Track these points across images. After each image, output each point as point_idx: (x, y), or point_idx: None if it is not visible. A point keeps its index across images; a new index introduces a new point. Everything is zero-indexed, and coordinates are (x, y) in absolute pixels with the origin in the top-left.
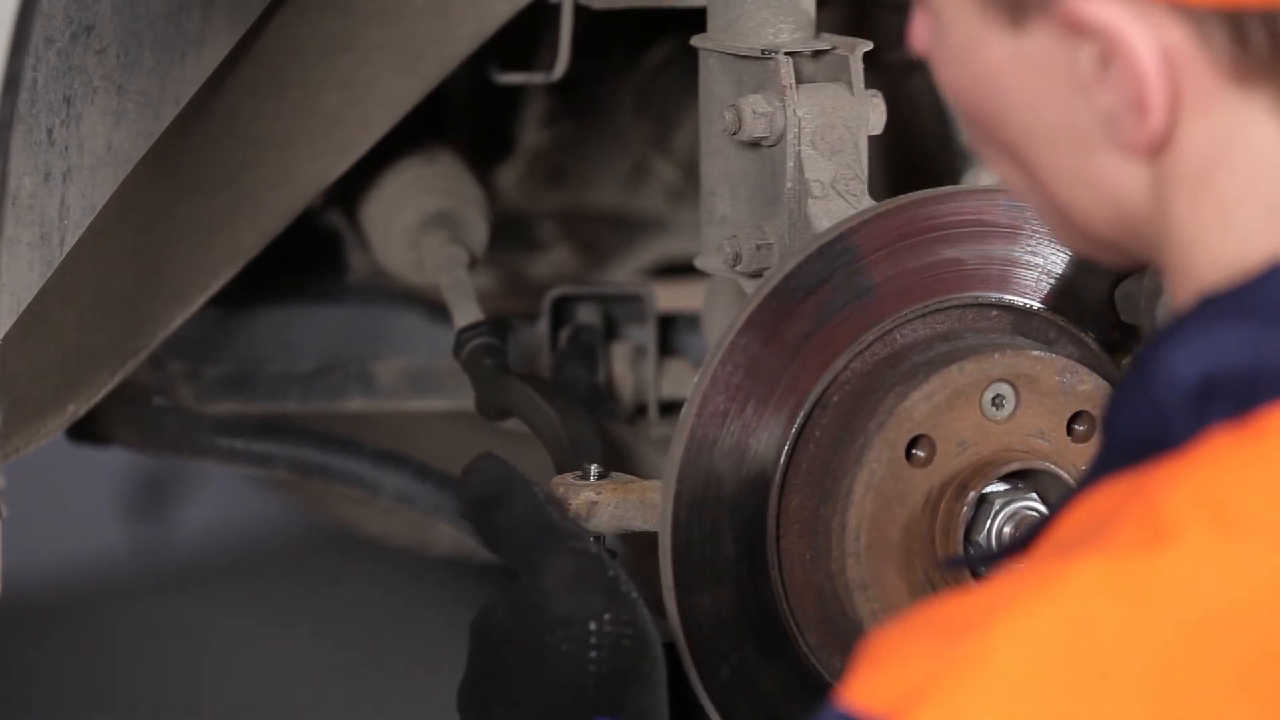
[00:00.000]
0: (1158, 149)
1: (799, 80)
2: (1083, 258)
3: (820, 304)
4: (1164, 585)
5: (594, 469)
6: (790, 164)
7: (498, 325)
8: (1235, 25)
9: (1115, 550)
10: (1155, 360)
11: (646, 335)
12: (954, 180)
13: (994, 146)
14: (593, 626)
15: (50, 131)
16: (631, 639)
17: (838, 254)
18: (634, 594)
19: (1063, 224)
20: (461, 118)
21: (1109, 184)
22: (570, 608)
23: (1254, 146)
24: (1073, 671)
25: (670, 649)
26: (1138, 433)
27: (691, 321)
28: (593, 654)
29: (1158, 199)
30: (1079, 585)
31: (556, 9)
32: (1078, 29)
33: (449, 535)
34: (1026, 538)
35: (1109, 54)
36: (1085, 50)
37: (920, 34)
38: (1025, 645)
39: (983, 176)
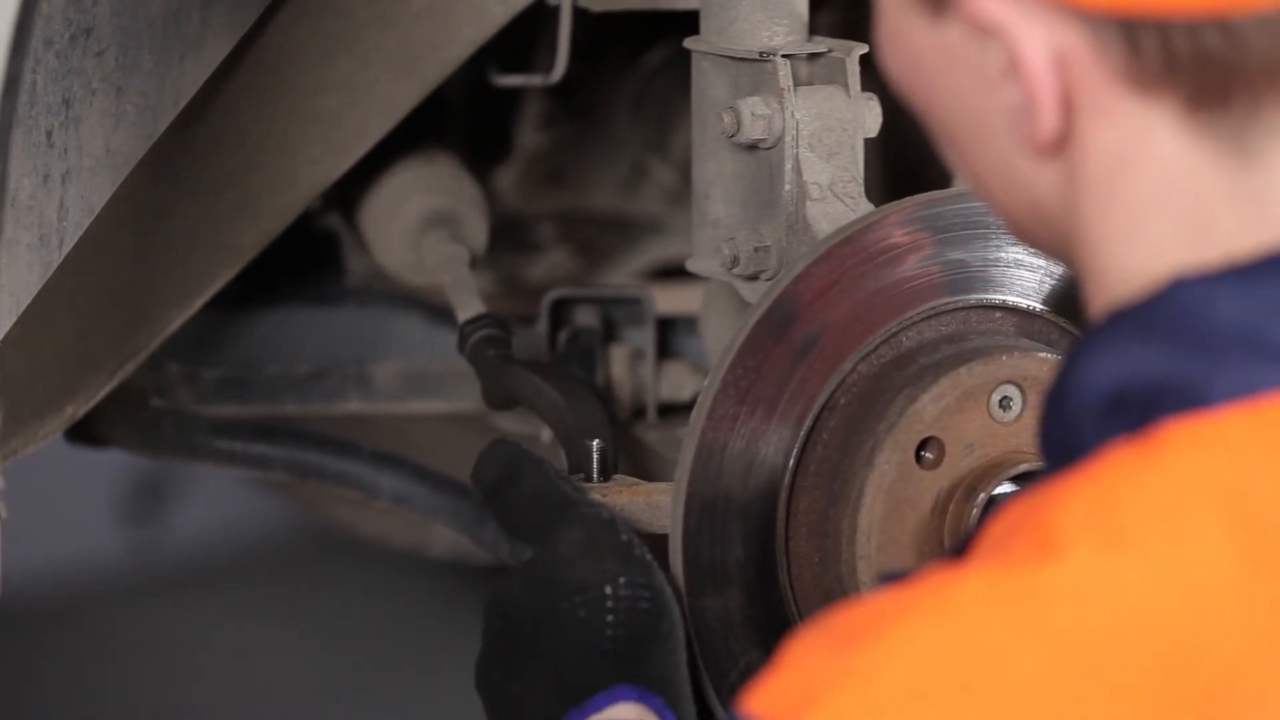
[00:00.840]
0: (1054, 149)
1: (795, 83)
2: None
3: (827, 307)
4: (1047, 599)
5: (596, 456)
6: (788, 166)
7: (500, 319)
8: (1129, 33)
9: (1003, 564)
10: (1071, 371)
11: (645, 337)
12: (949, 183)
13: (939, 136)
14: (608, 590)
15: (49, 133)
16: (649, 601)
17: (844, 257)
18: (648, 557)
19: (1003, 219)
20: (460, 120)
21: (1024, 182)
22: (585, 574)
23: (1158, 156)
24: (953, 683)
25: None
26: (1057, 444)
27: (690, 324)
28: (609, 618)
29: (1069, 202)
30: (964, 597)
31: (554, 12)
32: (983, 28)
33: (446, 537)
34: (957, 549)
35: (1011, 54)
36: (993, 48)
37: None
38: (910, 655)
39: None
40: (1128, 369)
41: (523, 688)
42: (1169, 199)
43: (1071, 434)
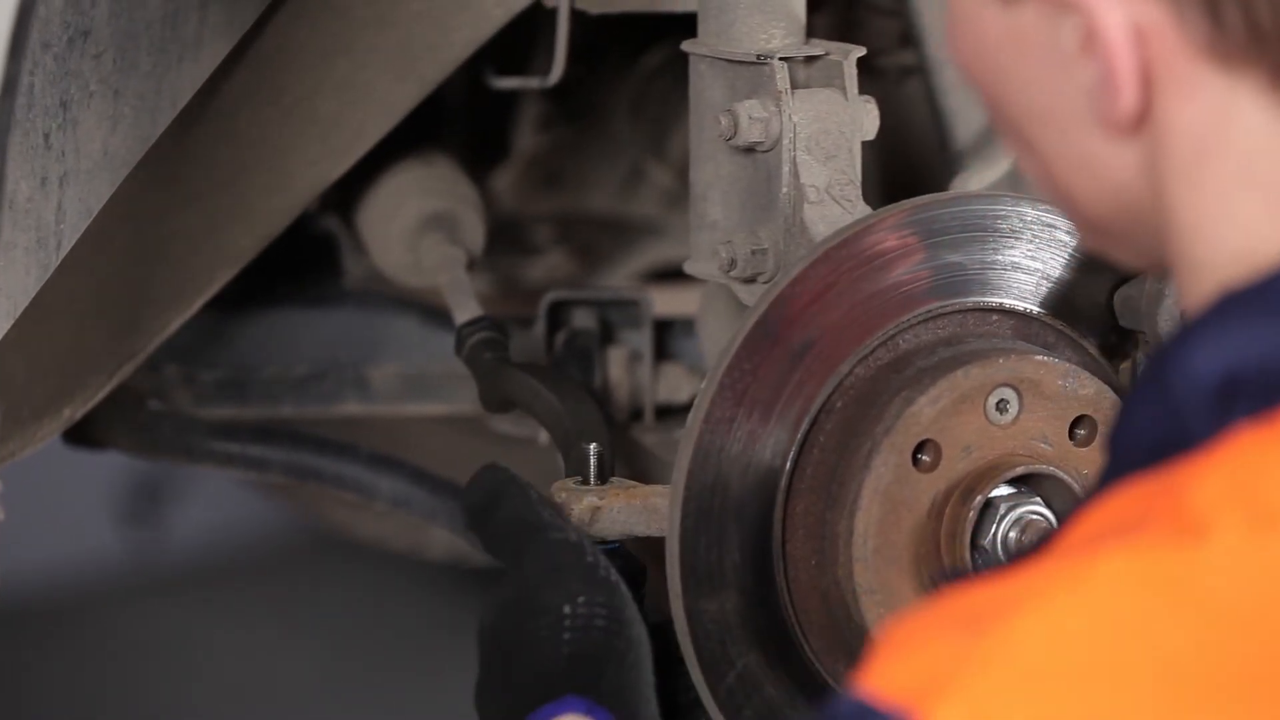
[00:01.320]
0: (1134, 127)
1: (792, 85)
2: (1101, 255)
3: (824, 310)
4: (1195, 579)
5: (593, 459)
6: (786, 169)
7: (497, 322)
8: (1211, 5)
9: (1144, 544)
10: (1173, 361)
11: (642, 340)
12: (946, 186)
13: (1005, 130)
14: (566, 610)
15: (47, 136)
16: (605, 619)
17: (841, 260)
18: (613, 578)
19: (1075, 216)
20: (457, 122)
21: (1103, 167)
22: (547, 595)
23: (1246, 132)
24: (1096, 662)
25: (659, 630)
26: (1155, 435)
27: (687, 326)
28: (565, 635)
29: (1153, 184)
30: (1105, 577)
31: (552, 14)
32: (1059, 3)
33: (444, 539)
34: (1036, 546)
35: (1089, 29)
36: (1068, 25)
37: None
38: (1048, 636)
39: (974, 181)
40: (1240, 353)
41: (495, 708)
42: (1259, 177)
43: (1178, 424)
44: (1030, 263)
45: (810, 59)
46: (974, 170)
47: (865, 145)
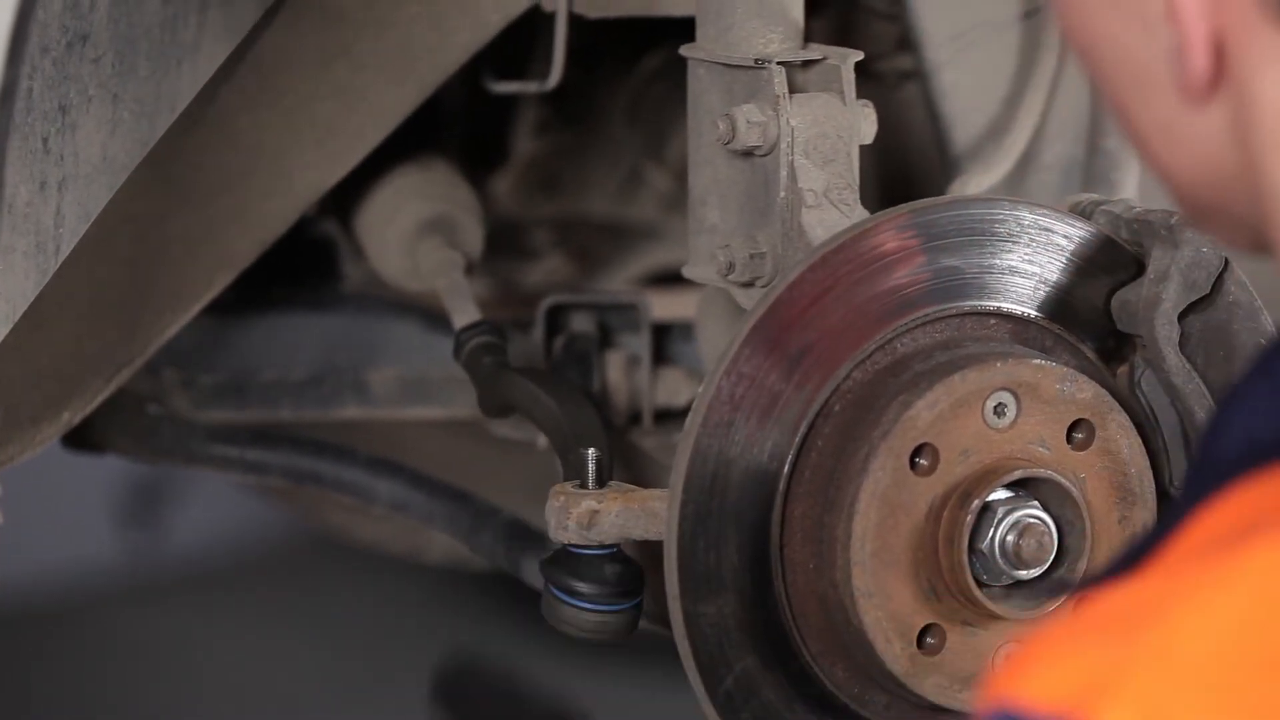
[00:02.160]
0: (1207, 94)
1: (790, 90)
2: (1212, 237)
3: (822, 314)
4: None
5: (592, 463)
6: (784, 173)
7: (496, 326)
8: None
9: None
10: None
11: (641, 344)
12: (944, 190)
13: (1107, 99)
14: None
15: (46, 140)
16: None
17: (839, 264)
18: None
19: (1174, 189)
20: (456, 126)
21: (1186, 137)
22: None
23: None
24: (1262, 654)
25: None
26: (1273, 432)
27: (686, 330)
28: None
29: (1245, 155)
30: (1260, 570)
31: (550, 18)
32: None
33: (442, 543)
34: (1135, 555)
35: None
36: None
37: None
38: (1210, 632)
39: (972, 185)
40: None
41: None
42: None
43: None
44: (1028, 267)
45: (808, 63)
46: (972, 174)
47: (863, 149)
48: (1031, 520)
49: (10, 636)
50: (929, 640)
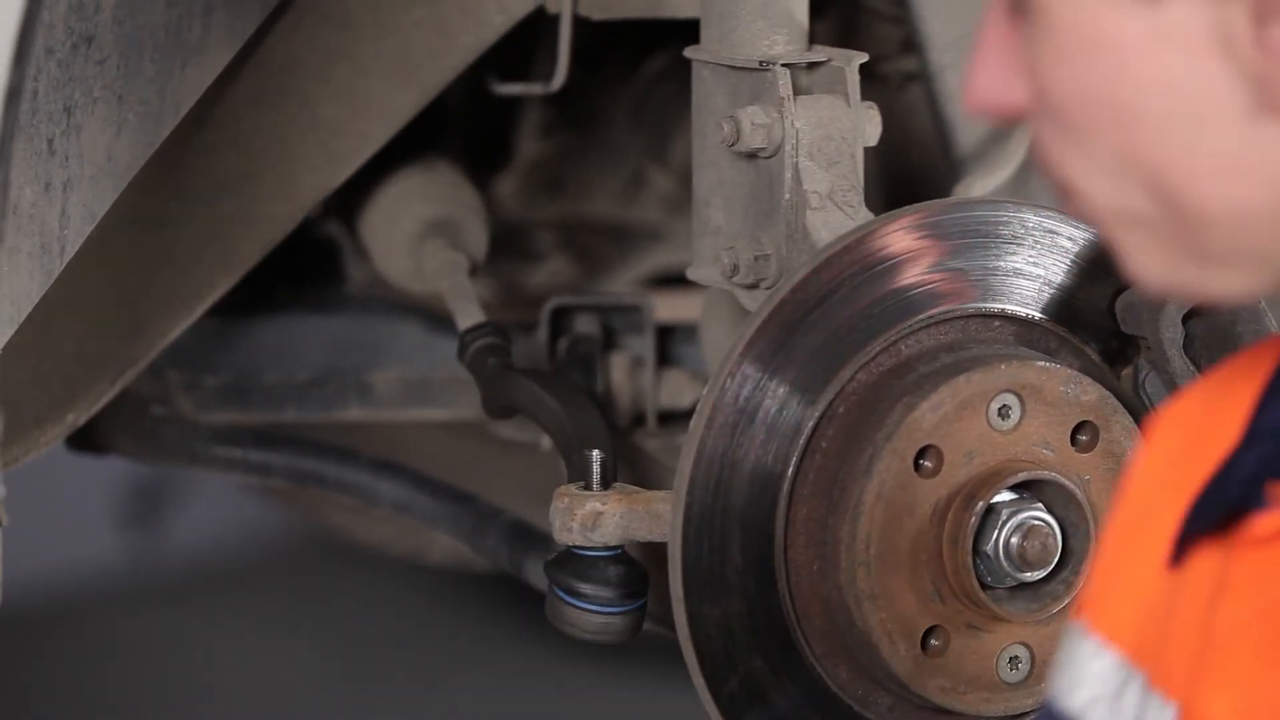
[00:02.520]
0: None
1: (795, 92)
2: (1179, 293)
3: (826, 315)
4: None
5: (596, 465)
6: (788, 175)
7: (500, 328)
8: None
9: None
10: None
11: (644, 345)
12: (948, 192)
13: (1106, 160)
14: None
15: (51, 141)
16: None
17: (844, 265)
18: None
19: (1183, 244)
20: (460, 128)
21: (1266, 161)
22: None
23: None
24: None
25: None
26: None
27: (689, 332)
28: None
29: None
30: None
31: (554, 20)
32: None
33: (445, 544)
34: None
35: (1265, 10)
36: (1235, 9)
37: (993, 63)
38: None
39: (976, 187)
40: None
41: None
42: None
43: None
44: (1032, 269)
45: (813, 65)
46: (976, 176)
47: (867, 151)
48: (1036, 522)
49: (12, 636)
50: (933, 642)
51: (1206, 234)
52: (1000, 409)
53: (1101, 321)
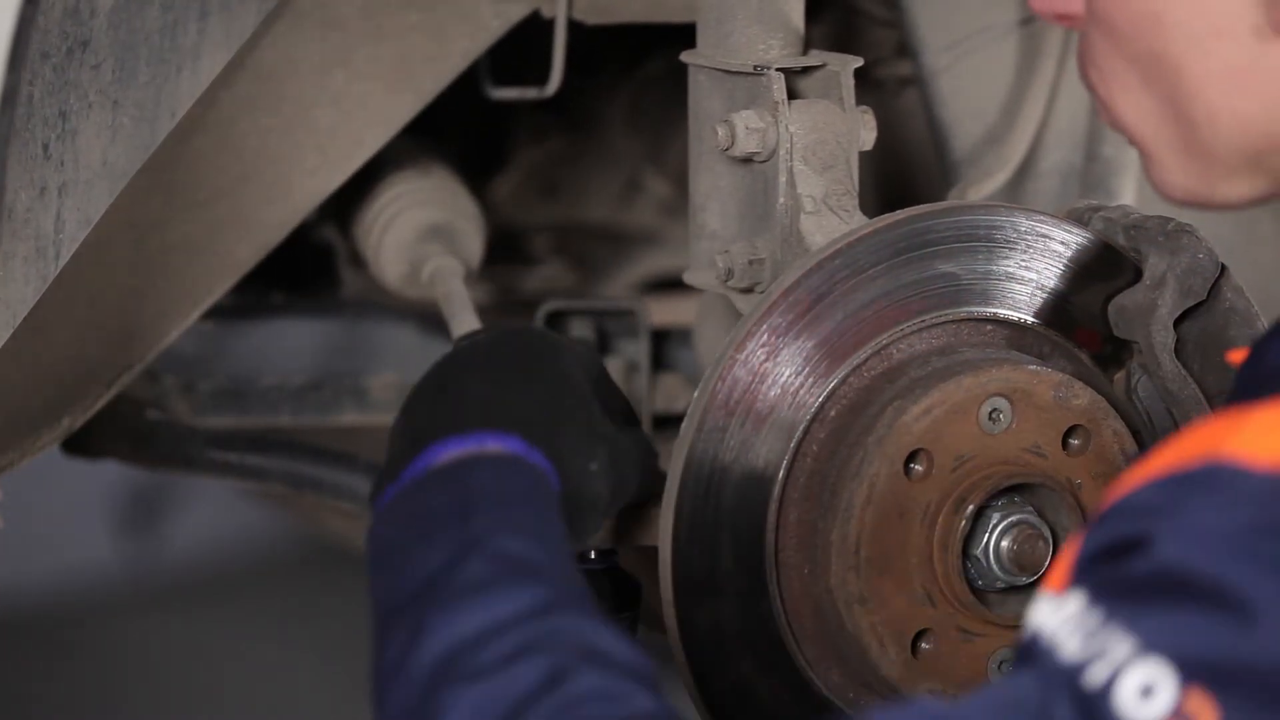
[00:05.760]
0: None
1: (790, 96)
2: (1196, 202)
3: (818, 319)
4: None
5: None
6: (783, 180)
7: None
8: None
9: None
10: None
11: (639, 349)
12: (943, 196)
13: (1133, 65)
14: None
15: (46, 146)
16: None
17: (835, 269)
18: None
19: (1190, 149)
20: (455, 133)
21: (1268, 78)
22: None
23: None
24: None
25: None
26: None
27: (684, 336)
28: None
29: None
30: None
31: (549, 24)
32: None
33: None
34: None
35: None
36: None
37: None
38: None
39: (970, 192)
40: None
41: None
42: None
43: None
44: (1024, 273)
45: (807, 70)
46: (970, 181)
47: (862, 155)
48: (1026, 526)
49: (7, 640)
50: (923, 645)
51: (1212, 138)
52: (991, 412)
53: (1094, 325)
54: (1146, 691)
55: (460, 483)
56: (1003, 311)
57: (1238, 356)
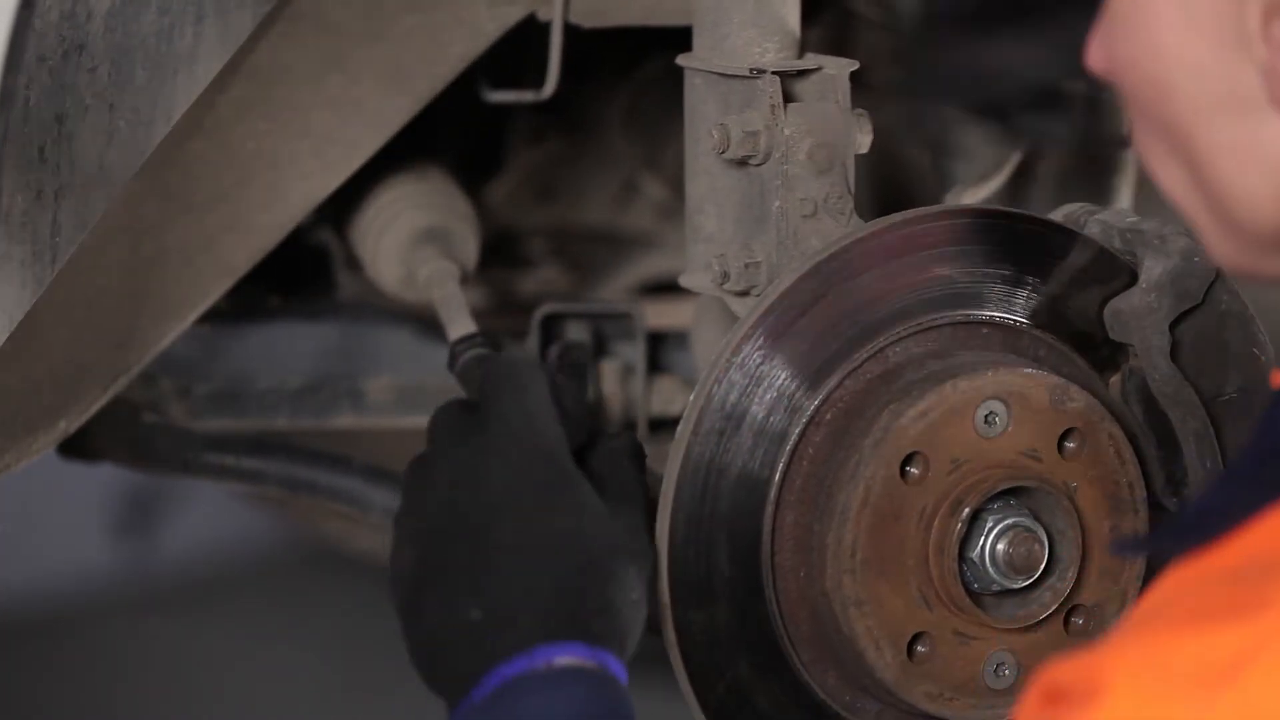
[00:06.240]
0: None
1: (786, 99)
2: (1246, 274)
3: (814, 322)
4: None
5: None
6: (778, 183)
7: (491, 337)
8: None
9: None
10: None
11: (635, 353)
12: (939, 199)
13: (1155, 133)
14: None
15: (42, 149)
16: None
17: (831, 272)
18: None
19: (1221, 223)
20: (451, 136)
21: (1274, 154)
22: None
23: None
24: None
25: None
26: None
27: (680, 339)
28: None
29: None
30: None
31: (546, 27)
32: None
33: None
34: (1208, 529)
35: (1272, 6)
36: (1253, 2)
37: (1098, 39)
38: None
39: (967, 195)
40: None
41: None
42: None
43: None
44: (1020, 276)
45: (804, 73)
46: (967, 184)
47: (858, 159)
48: (1022, 529)
49: (3, 642)
50: (919, 648)
51: (1238, 213)
52: (987, 416)
53: (1090, 329)
54: None
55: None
56: (998, 315)
57: None
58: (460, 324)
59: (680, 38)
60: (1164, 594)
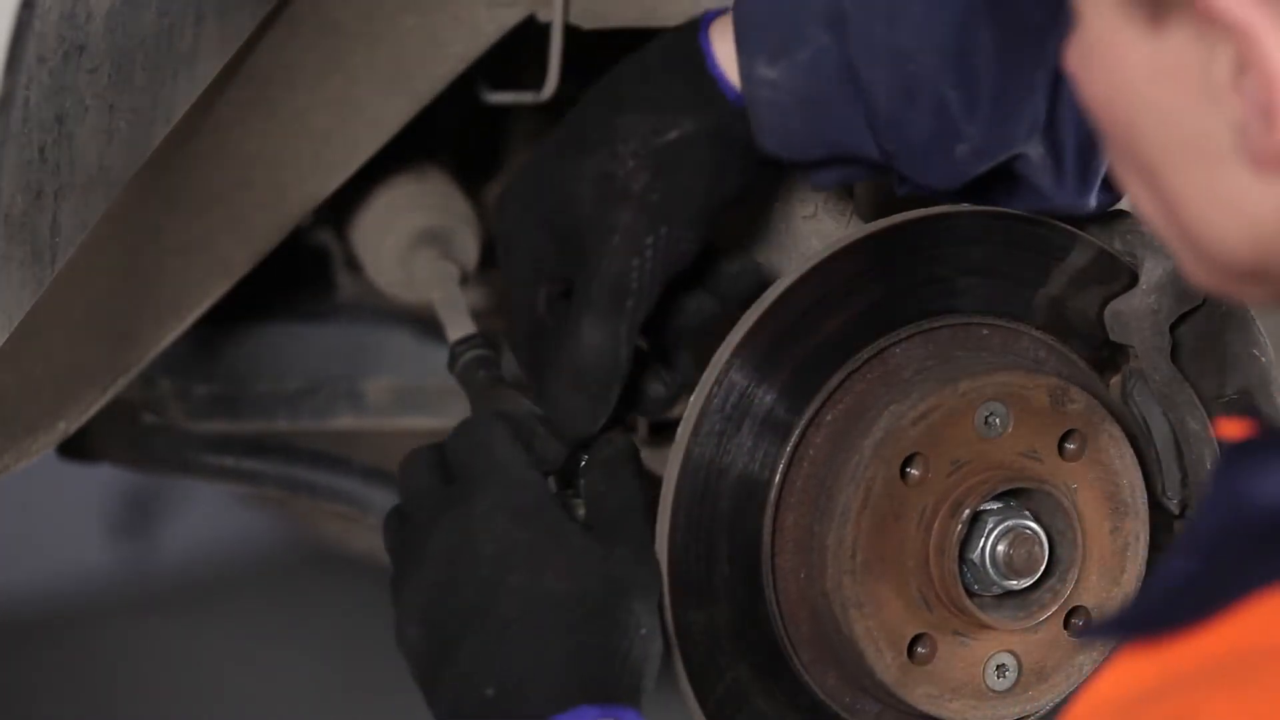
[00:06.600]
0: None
1: None
2: (1219, 295)
3: (814, 323)
4: None
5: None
6: (778, 184)
7: (491, 338)
8: None
9: None
10: None
11: None
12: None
13: (1129, 167)
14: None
15: (42, 150)
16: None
17: (831, 274)
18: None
19: (1195, 254)
20: (451, 137)
21: (1244, 203)
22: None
23: None
24: None
25: None
26: None
27: None
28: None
29: None
30: None
31: (545, 28)
32: (1213, 28)
33: None
34: (1182, 614)
35: (1245, 57)
36: (1222, 53)
37: (1070, 49)
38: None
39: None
40: None
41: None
42: None
43: None
44: (1021, 277)
45: None
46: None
47: None
48: (1022, 530)
49: (2, 643)
50: (919, 650)
51: (1209, 247)
52: (987, 417)
53: (1090, 330)
54: None
55: None
56: (999, 316)
57: (1229, 429)
58: (460, 325)
59: None
60: (1123, 693)
